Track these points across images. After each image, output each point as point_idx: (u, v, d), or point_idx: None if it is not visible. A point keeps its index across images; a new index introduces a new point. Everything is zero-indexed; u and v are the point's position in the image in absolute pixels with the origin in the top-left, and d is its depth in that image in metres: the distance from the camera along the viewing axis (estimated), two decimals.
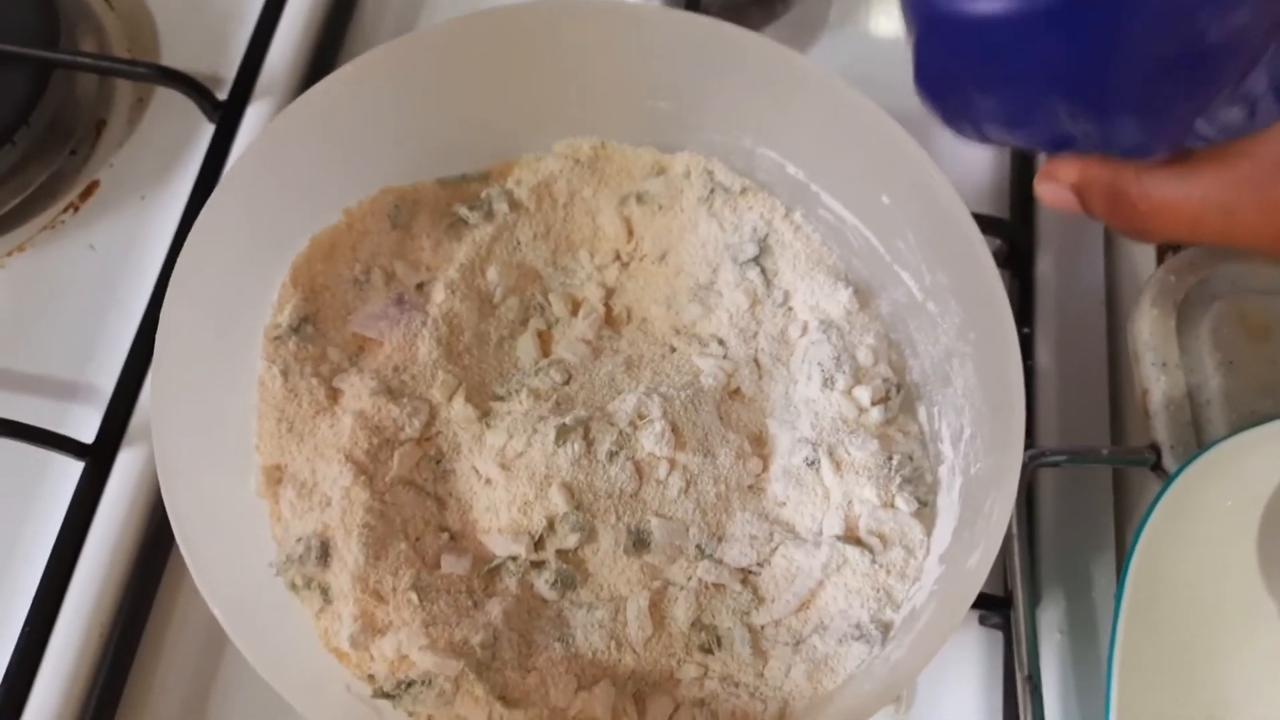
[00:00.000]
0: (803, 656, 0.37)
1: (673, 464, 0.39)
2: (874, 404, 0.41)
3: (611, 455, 0.38)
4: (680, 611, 0.38)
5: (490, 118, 0.44)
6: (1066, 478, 0.46)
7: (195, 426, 0.37)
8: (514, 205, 0.44)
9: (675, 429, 0.39)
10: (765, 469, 0.41)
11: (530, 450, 0.38)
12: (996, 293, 0.37)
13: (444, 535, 0.39)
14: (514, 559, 0.38)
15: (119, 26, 0.57)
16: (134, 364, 0.47)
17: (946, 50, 0.25)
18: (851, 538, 0.39)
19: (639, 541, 0.38)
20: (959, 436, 0.39)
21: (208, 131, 0.53)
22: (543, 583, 0.38)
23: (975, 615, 0.44)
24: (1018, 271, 0.50)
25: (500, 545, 0.38)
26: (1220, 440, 0.41)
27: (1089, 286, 0.51)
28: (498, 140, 0.45)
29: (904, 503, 0.39)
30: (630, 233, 0.46)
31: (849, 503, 0.39)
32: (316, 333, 0.41)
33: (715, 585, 0.39)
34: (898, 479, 0.39)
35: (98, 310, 0.50)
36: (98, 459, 0.45)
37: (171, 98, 0.53)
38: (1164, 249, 0.52)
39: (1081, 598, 0.45)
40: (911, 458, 0.40)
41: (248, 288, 0.41)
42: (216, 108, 0.53)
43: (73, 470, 0.44)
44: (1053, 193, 0.30)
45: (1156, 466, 0.43)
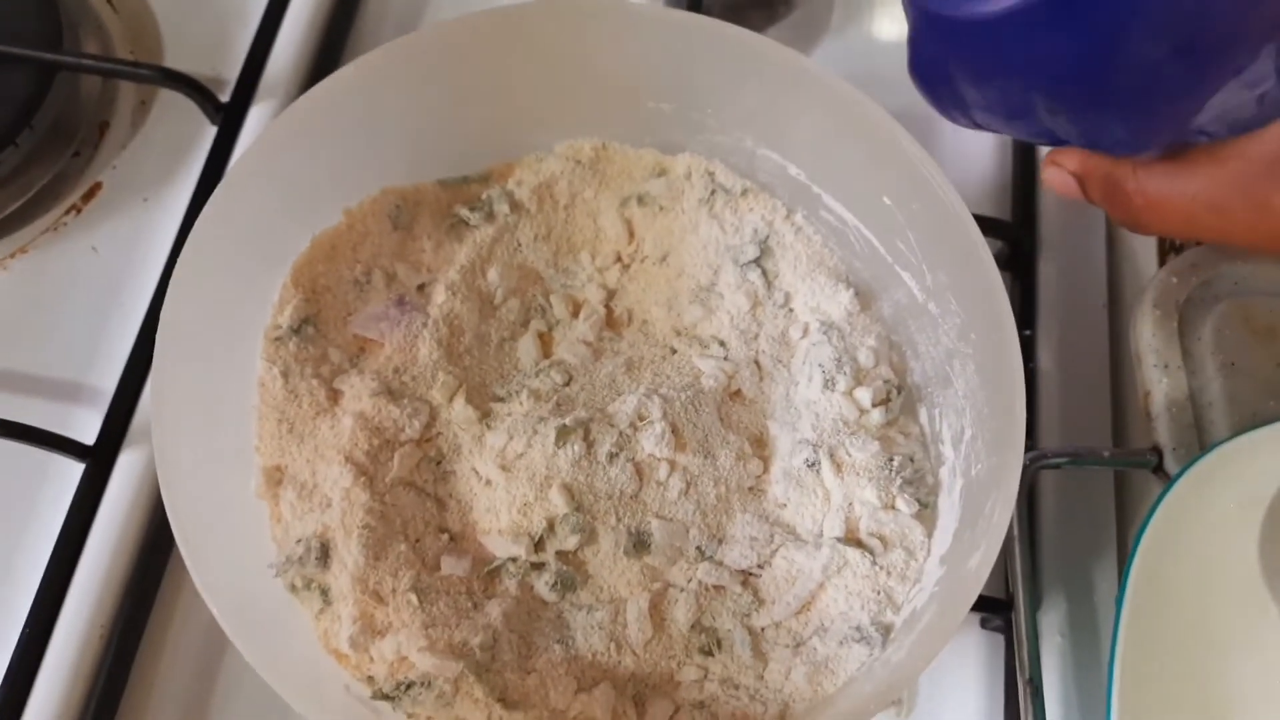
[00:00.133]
0: (803, 659, 0.37)
1: (673, 465, 0.39)
2: (875, 405, 0.41)
3: (612, 456, 0.38)
4: (680, 613, 0.38)
5: (491, 118, 0.44)
6: (1068, 480, 0.46)
7: (196, 428, 0.37)
8: (515, 206, 0.44)
9: (676, 430, 0.39)
10: (766, 470, 0.41)
11: (530, 451, 0.38)
12: (998, 294, 0.37)
13: (444, 536, 0.39)
14: (514, 560, 0.38)
15: (122, 28, 0.57)
16: (135, 366, 0.47)
17: (934, 46, 0.26)
18: (852, 539, 0.38)
19: (639, 543, 0.38)
20: (960, 438, 0.39)
21: (210, 133, 0.53)
22: (543, 584, 0.38)
23: (976, 618, 0.44)
24: (1019, 273, 0.50)
25: (500, 546, 0.38)
26: (1223, 442, 0.40)
27: (1091, 288, 0.51)
28: (499, 141, 0.45)
29: (905, 504, 0.39)
30: (631, 234, 0.45)
31: (850, 504, 0.39)
32: (317, 334, 0.41)
33: (715, 587, 0.39)
34: (898, 480, 0.39)
35: (99, 312, 0.50)
36: (99, 460, 0.45)
37: (174, 99, 0.53)
38: (1166, 250, 0.52)
39: (1083, 600, 0.44)
40: (912, 459, 0.40)
41: (248, 289, 0.41)
42: (219, 110, 0.53)
43: (74, 471, 0.45)
44: (1057, 178, 0.31)
45: (1158, 469, 0.43)
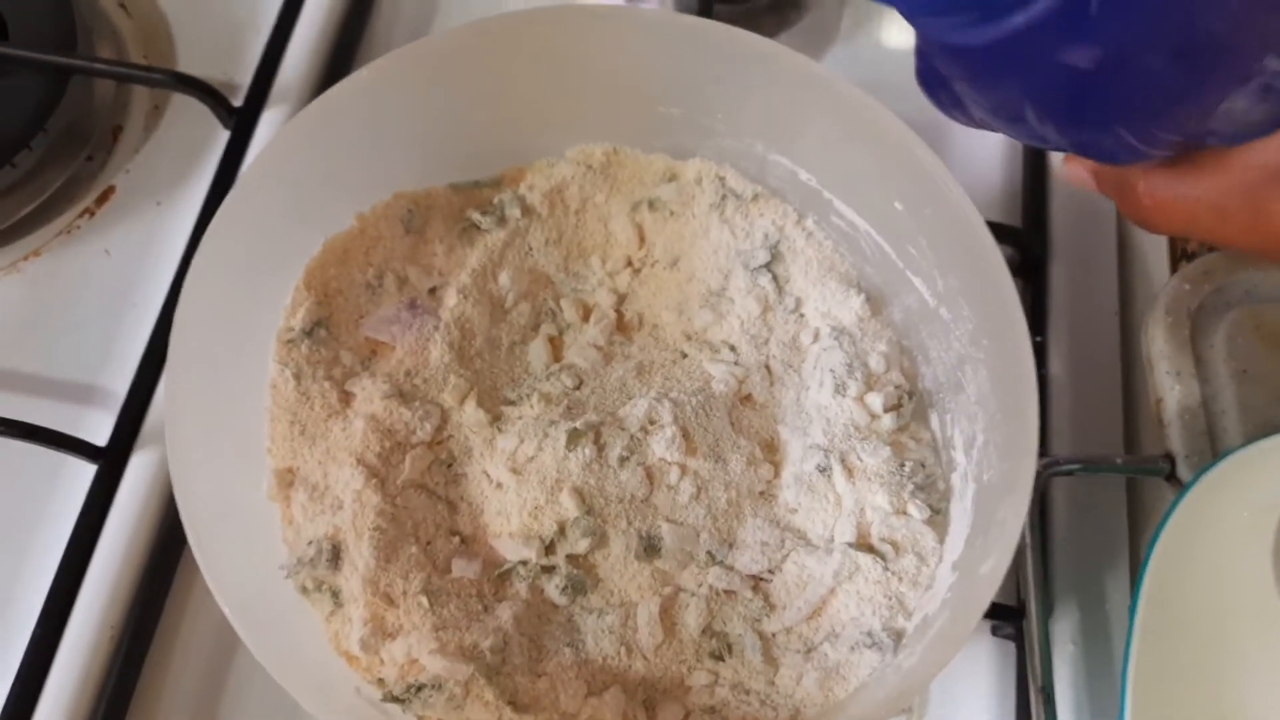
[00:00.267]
0: (814, 664, 0.37)
1: (684, 469, 0.39)
2: (886, 411, 0.40)
3: (622, 460, 0.38)
4: (691, 618, 0.38)
5: (503, 123, 0.44)
6: (1079, 487, 0.46)
7: (208, 430, 0.37)
8: (526, 211, 0.45)
9: (686, 434, 0.39)
10: (776, 475, 0.40)
11: (541, 454, 0.38)
12: (1010, 298, 0.36)
13: (455, 539, 0.39)
14: (524, 563, 0.38)
15: (135, 33, 0.57)
16: (148, 368, 0.47)
17: (936, 61, 0.27)
18: (864, 545, 0.38)
19: (650, 547, 0.38)
20: (972, 443, 0.39)
21: (223, 138, 0.53)
22: (553, 588, 0.38)
23: (988, 625, 0.44)
24: (1030, 279, 0.50)
25: (511, 549, 0.38)
26: (1235, 450, 0.40)
27: (1102, 294, 0.51)
28: (510, 146, 0.45)
29: (916, 510, 0.39)
30: (642, 239, 0.46)
31: (861, 509, 0.39)
32: (329, 336, 0.41)
33: (726, 592, 0.39)
34: (910, 486, 0.39)
35: (112, 315, 0.50)
36: (111, 461, 0.45)
37: (187, 104, 0.54)
38: (1178, 257, 0.52)
39: (1095, 608, 0.44)
40: (924, 465, 0.40)
41: (261, 291, 0.41)
42: (232, 114, 0.53)
43: (86, 473, 0.45)
44: (1073, 171, 0.32)
45: (1171, 476, 0.43)
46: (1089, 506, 0.46)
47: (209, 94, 0.52)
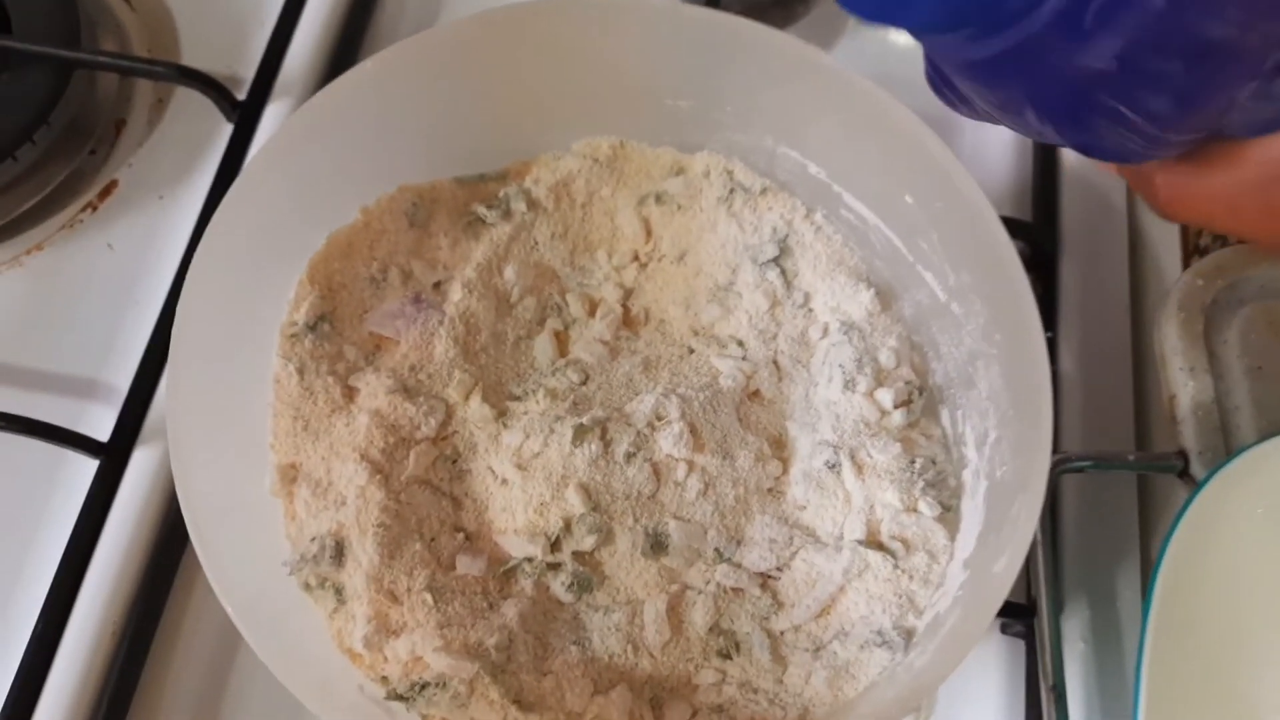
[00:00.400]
0: (823, 663, 0.37)
1: (691, 466, 0.39)
2: (896, 407, 0.40)
3: (629, 456, 0.38)
4: (698, 616, 0.37)
5: (508, 116, 0.44)
6: (1091, 484, 0.46)
7: (210, 425, 0.37)
8: (532, 204, 0.44)
9: (693, 430, 0.39)
10: (785, 472, 0.40)
11: (547, 450, 0.38)
12: (1022, 293, 0.36)
13: (459, 536, 0.39)
14: (530, 560, 0.38)
15: (139, 26, 0.57)
16: (150, 363, 0.47)
17: (940, 67, 0.28)
18: (873, 542, 0.38)
19: (656, 544, 0.38)
20: (983, 440, 0.38)
21: (226, 131, 0.53)
22: (559, 585, 0.38)
23: (998, 623, 0.43)
24: (1041, 275, 0.50)
25: (516, 546, 0.38)
26: (1249, 446, 0.40)
27: (1113, 290, 0.50)
28: (516, 139, 0.45)
29: (927, 507, 0.38)
30: (649, 233, 0.45)
31: (871, 507, 0.39)
32: (333, 331, 0.41)
33: (734, 589, 0.38)
34: (920, 483, 0.38)
35: (115, 309, 0.50)
36: (113, 457, 0.44)
37: (191, 97, 0.53)
38: (1190, 253, 0.52)
39: (1106, 606, 0.44)
40: (935, 461, 0.39)
41: (264, 285, 0.40)
42: (235, 107, 0.53)
43: (88, 468, 0.44)
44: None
45: (1184, 473, 0.43)
46: (1100, 503, 0.45)
47: (212, 87, 0.52)
